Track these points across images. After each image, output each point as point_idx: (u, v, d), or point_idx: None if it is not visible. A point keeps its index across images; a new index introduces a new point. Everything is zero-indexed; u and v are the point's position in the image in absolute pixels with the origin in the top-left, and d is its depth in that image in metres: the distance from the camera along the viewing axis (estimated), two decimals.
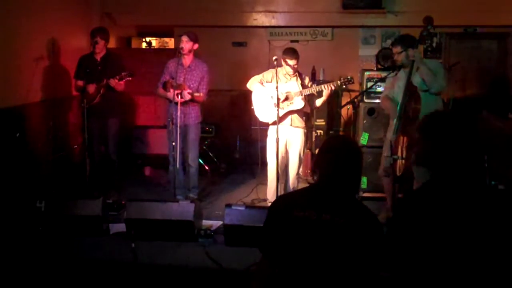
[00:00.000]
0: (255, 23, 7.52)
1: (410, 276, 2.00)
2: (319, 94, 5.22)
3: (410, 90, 4.47)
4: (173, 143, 5.19)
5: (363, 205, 2.37)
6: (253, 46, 7.72)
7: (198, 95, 5.29)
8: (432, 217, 1.97)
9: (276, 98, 5.01)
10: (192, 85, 5.33)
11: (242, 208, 4.46)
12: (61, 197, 4.89)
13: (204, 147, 6.78)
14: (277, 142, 4.99)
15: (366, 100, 5.87)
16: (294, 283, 2.23)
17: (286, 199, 2.43)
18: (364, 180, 5.82)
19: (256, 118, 5.42)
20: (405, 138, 4.49)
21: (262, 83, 5.28)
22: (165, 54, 7.07)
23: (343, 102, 7.06)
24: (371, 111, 5.81)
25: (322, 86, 5.12)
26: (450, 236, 1.93)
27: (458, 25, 7.12)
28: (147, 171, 7.07)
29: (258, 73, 5.43)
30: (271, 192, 5.27)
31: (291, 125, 5.24)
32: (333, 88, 5.12)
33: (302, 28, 7.52)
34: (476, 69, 7.43)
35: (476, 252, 1.90)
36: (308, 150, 6.67)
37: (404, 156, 4.48)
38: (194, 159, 5.52)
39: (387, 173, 4.77)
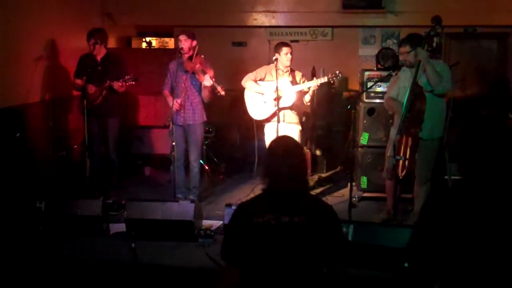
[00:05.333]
0: (255, 23, 7.52)
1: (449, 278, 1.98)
2: (307, 91, 5.25)
3: (416, 90, 4.46)
4: (173, 143, 5.19)
5: (318, 198, 2.52)
6: (253, 46, 7.72)
7: (209, 71, 5.17)
8: (464, 218, 1.95)
9: (275, 95, 5.06)
10: (196, 83, 5.33)
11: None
12: (61, 197, 4.89)
13: (204, 147, 6.77)
14: None
15: (366, 100, 5.86)
16: (263, 284, 2.29)
17: (245, 207, 2.45)
18: (364, 180, 5.82)
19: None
20: (409, 139, 4.47)
21: (255, 81, 5.34)
22: (165, 54, 7.05)
23: (343, 102, 7.09)
24: (371, 111, 5.81)
25: (310, 82, 5.16)
26: (482, 237, 1.91)
27: (458, 25, 7.12)
28: (147, 171, 7.06)
29: None
30: None
31: (284, 121, 5.28)
32: (318, 84, 5.18)
33: (302, 28, 7.52)
34: (476, 69, 7.42)
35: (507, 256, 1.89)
36: (308, 150, 6.67)
37: (407, 156, 4.47)
38: (195, 160, 5.51)
39: (391, 174, 4.76)
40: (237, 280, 2.32)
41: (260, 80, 5.40)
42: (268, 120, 5.31)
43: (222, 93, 5.12)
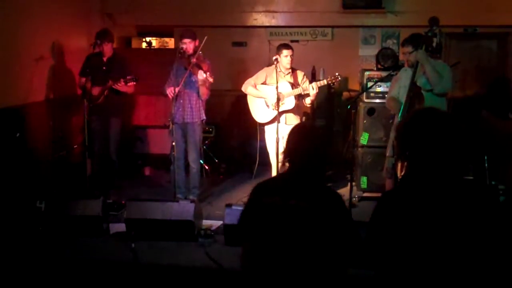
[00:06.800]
0: (255, 23, 7.52)
1: (392, 274, 2.01)
2: (307, 93, 5.24)
3: (414, 91, 4.46)
4: (173, 143, 5.19)
5: (330, 189, 2.50)
6: (253, 46, 7.72)
7: (204, 65, 5.19)
8: (410, 214, 1.97)
9: (276, 98, 5.06)
10: (193, 80, 5.31)
11: (242, 208, 4.45)
12: (61, 197, 4.89)
13: (204, 147, 6.77)
14: (277, 142, 5.02)
15: (366, 100, 5.86)
16: (265, 265, 2.31)
17: (259, 187, 2.54)
18: (364, 180, 5.82)
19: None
20: None
21: (255, 86, 5.35)
22: (165, 54, 7.06)
23: (343, 103, 7.09)
24: (371, 111, 5.81)
25: (310, 86, 5.15)
26: (427, 233, 1.93)
27: (458, 25, 7.12)
28: (147, 171, 7.07)
29: None
30: None
31: (285, 123, 5.30)
32: (317, 87, 5.15)
33: (302, 28, 7.52)
34: (476, 69, 7.43)
35: (453, 248, 1.90)
36: None
37: None
38: (194, 160, 5.51)
39: (390, 174, 4.76)
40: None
41: (262, 84, 5.41)
42: (271, 122, 5.34)
43: (211, 80, 5.14)
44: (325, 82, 5.21)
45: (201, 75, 5.10)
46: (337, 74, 5.18)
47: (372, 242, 2.08)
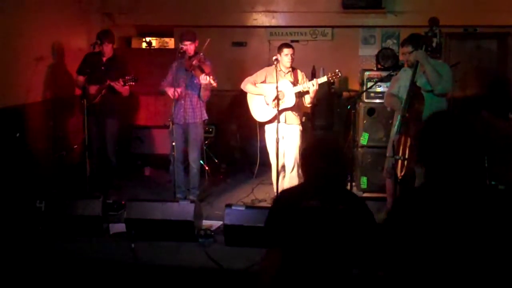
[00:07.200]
0: (255, 23, 7.52)
1: (406, 276, 2.00)
2: (308, 91, 5.22)
3: (414, 91, 4.45)
4: (173, 143, 5.19)
5: (354, 193, 2.69)
6: (253, 46, 7.72)
7: (206, 67, 5.17)
8: (429, 217, 1.96)
9: (274, 97, 5.05)
10: (195, 81, 5.32)
11: (242, 208, 4.47)
12: (61, 197, 4.89)
13: (204, 147, 6.77)
14: (277, 142, 5.01)
15: (366, 100, 5.86)
16: (302, 266, 2.41)
17: (291, 192, 2.63)
18: (364, 180, 5.82)
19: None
20: (408, 139, 4.47)
21: (255, 84, 5.35)
22: (165, 54, 7.06)
23: (343, 102, 7.09)
24: (371, 111, 5.81)
25: (310, 82, 5.14)
26: (446, 236, 1.92)
27: (458, 25, 7.12)
28: (147, 171, 7.06)
29: None
30: (274, 191, 5.29)
31: (285, 122, 5.28)
32: (317, 84, 5.14)
33: (302, 28, 7.52)
34: (476, 69, 7.43)
35: (472, 252, 1.89)
36: None
37: (406, 156, 4.47)
38: (195, 160, 5.51)
39: (390, 174, 4.76)
40: (278, 264, 2.43)
41: (261, 83, 5.40)
42: (271, 121, 5.32)
43: (214, 84, 5.13)
44: (325, 78, 5.19)
45: (204, 79, 5.09)
46: (337, 70, 5.17)
47: (385, 244, 2.08)
